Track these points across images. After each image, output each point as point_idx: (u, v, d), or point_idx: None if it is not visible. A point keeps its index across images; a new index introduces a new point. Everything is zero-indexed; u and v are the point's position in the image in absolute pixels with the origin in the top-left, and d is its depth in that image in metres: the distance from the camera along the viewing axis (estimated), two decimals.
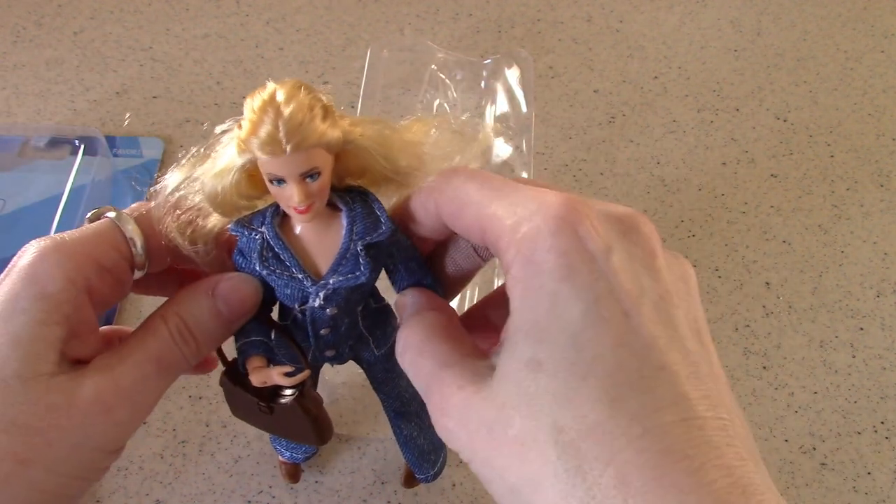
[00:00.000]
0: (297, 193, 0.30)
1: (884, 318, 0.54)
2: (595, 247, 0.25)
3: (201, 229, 0.33)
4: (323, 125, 0.29)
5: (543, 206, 0.26)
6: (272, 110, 0.28)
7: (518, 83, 0.63)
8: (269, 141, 0.28)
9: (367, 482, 0.46)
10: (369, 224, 0.32)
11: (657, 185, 0.62)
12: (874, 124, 0.67)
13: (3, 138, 0.61)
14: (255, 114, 0.28)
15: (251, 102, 0.29)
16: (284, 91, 0.29)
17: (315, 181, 0.30)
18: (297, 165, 0.29)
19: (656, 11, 0.75)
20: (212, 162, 0.31)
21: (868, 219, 0.60)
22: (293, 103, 0.28)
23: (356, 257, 0.32)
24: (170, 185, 0.32)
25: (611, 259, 0.25)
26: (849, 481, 0.47)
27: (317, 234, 0.32)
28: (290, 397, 0.35)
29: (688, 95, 0.68)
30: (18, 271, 0.29)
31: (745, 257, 0.57)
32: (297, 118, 0.28)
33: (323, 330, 0.34)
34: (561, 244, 0.25)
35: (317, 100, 0.29)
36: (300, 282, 0.32)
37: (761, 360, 0.52)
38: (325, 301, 0.32)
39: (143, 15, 0.73)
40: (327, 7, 0.74)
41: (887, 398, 0.51)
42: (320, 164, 0.30)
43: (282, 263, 0.32)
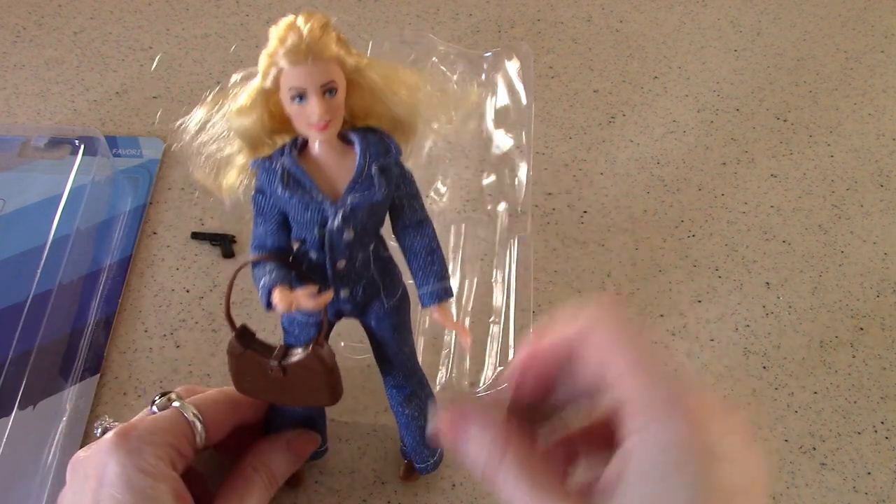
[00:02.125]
0: (317, 106, 0.33)
1: (884, 318, 0.54)
2: (706, 438, 0.27)
3: (224, 177, 0.37)
4: (338, 44, 0.33)
5: (677, 395, 0.28)
6: (295, 27, 0.33)
7: (518, 76, 0.63)
8: (293, 49, 0.32)
9: (367, 482, 0.46)
10: (381, 148, 0.36)
11: (657, 185, 0.62)
12: (874, 124, 0.67)
13: (3, 138, 0.61)
14: (280, 30, 0.33)
15: (275, 27, 0.33)
16: (304, 15, 0.33)
17: (333, 97, 0.34)
18: (318, 75, 0.33)
19: (656, 11, 0.75)
20: (234, 100, 0.35)
21: (868, 219, 0.60)
22: (312, 21, 0.33)
23: (371, 177, 0.35)
24: (194, 122, 0.36)
25: (719, 450, 0.27)
26: (849, 481, 0.47)
27: (333, 160, 0.36)
28: (304, 352, 0.36)
29: (688, 95, 0.68)
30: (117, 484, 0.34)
31: (745, 257, 0.57)
32: (317, 33, 0.33)
33: (340, 261, 0.37)
34: (674, 432, 0.27)
35: (332, 26, 0.34)
36: (319, 203, 0.35)
37: (761, 360, 0.52)
38: (344, 221, 0.35)
39: (143, 15, 0.73)
40: (327, 7, 0.74)
41: (887, 398, 0.51)
42: (337, 78, 0.34)
43: (302, 186, 0.35)
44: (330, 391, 0.37)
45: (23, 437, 0.46)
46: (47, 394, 0.48)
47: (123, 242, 0.56)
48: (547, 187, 0.61)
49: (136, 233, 0.57)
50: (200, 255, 0.56)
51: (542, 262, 0.56)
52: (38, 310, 0.51)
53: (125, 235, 0.57)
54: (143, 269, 0.55)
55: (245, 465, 0.40)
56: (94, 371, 0.50)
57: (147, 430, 0.36)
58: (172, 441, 0.36)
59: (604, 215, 0.59)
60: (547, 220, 0.59)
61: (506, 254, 0.55)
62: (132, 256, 0.56)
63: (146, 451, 0.35)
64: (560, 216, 0.59)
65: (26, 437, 0.46)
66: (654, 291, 0.55)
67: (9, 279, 0.53)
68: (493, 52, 0.64)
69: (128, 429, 0.36)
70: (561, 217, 0.59)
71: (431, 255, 0.38)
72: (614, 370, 0.28)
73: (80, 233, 0.55)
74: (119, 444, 0.35)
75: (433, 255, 0.38)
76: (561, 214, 0.59)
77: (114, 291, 0.54)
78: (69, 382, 0.49)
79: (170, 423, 0.37)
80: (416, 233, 0.38)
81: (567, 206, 0.60)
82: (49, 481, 0.45)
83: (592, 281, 0.55)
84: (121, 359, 0.51)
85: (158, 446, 0.36)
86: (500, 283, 0.54)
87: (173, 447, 0.36)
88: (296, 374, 0.36)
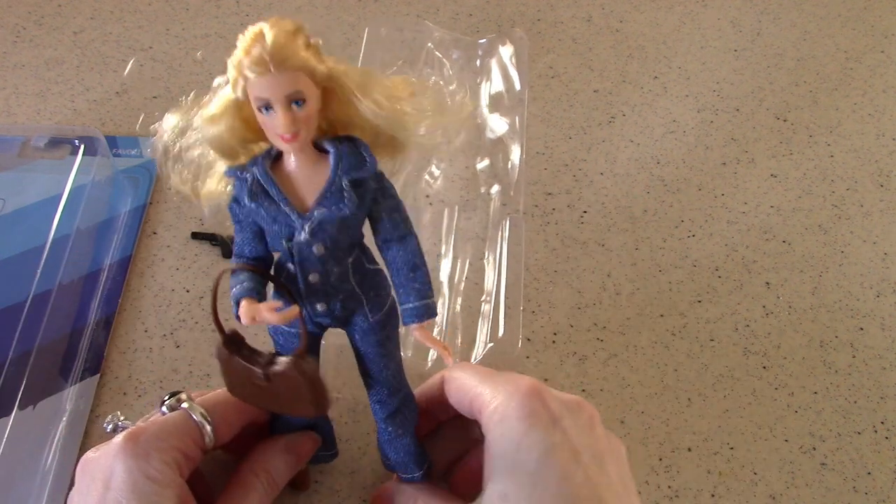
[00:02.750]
0: (283, 117, 0.32)
1: (884, 318, 0.54)
2: (551, 413, 0.35)
3: (203, 185, 0.36)
4: (305, 52, 0.32)
5: (516, 385, 0.36)
6: (260, 37, 0.32)
7: (512, 61, 0.63)
8: (257, 60, 0.31)
9: (367, 482, 0.46)
10: (355, 161, 0.34)
11: (657, 185, 0.62)
12: (874, 124, 0.67)
13: (3, 138, 0.61)
14: (246, 41, 0.32)
15: (242, 35, 0.32)
16: (270, 22, 0.32)
17: (301, 108, 0.32)
18: (282, 86, 0.32)
19: (656, 11, 0.75)
20: (205, 107, 0.34)
21: (868, 219, 0.60)
22: (276, 29, 0.32)
23: (341, 191, 0.34)
24: (166, 127, 0.36)
25: (562, 422, 0.35)
26: (849, 481, 0.47)
27: (305, 172, 0.34)
28: (286, 362, 0.36)
29: (688, 95, 0.68)
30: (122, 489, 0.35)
31: (745, 257, 0.57)
32: (280, 40, 0.31)
33: (312, 275, 0.36)
34: (527, 407, 0.35)
35: (301, 31, 0.32)
36: (287, 215, 0.34)
37: (761, 360, 0.52)
38: (311, 235, 0.34)
39: (143, 15, 0.73)
40: (327, 7, 0.74)
41: (887, 398, 0.51)
42: (304, 89, 0.32)
43: (269, 198, 0.34)
44: (313, 402, 0.37)
45: (23, 437, 0.46)
46: (47, 394, 0.48)
47: (123, 242, 0.56)
48: (547, 187, 0.61)
49: (136, 233, 0.57)
50: (200, 255, 0.56)
51: (542, 262, 0.56)
52: (38, 310, 0.51)
53: (125, 235, 0.57)
54: (143, 269, 0.55)
55: (244, 469, 0.40)
56: (94, 371, 0.50)
57: (155, 434, 0.36)
58: (180, 445, 0.36)
59: (604, 215, 0.59)
60: (547, 220, 0.59)
61: (497, 235, 0.55)
62: (132, 256, 0.56)
63: (154, 456, 0.35)
64: (560, 216, 0.59)
65: (26, 437, 0.46)
66: (654, 291, 0.55)
67: (9, 279, 0.53)
68: (487, 39, 0.64)
69: (136, 433, 0.36)
70: (561, 217, 0.59)
71: (414, 271, 0.37)
72: (478, 398, 0.36)
73: (80, 233, 0.55)
74: (127, 448, 0.35)
75: (416, 272, 0.37)
76: (561, 214, 0.59)
77: (114, 291, 0.54)
78: (69, 382, 0.49)
79: (178, 427, 0.37)
80: (399, 247, 0.37)
81: (567, 206, 0.60)
82: (49, 481, 0.45)
83: (592, 281, 0.56)
84: (121, 359, 0.51)
85: (166, 451, 0.35)
86: (491, 264, 0.54)
87: (181, 452, 0.36)
88: (279, 384, 0.36)
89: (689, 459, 0.48)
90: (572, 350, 0.52)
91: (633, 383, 0.51)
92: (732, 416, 0.49)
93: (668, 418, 0.49)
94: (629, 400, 0.50)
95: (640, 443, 0.48)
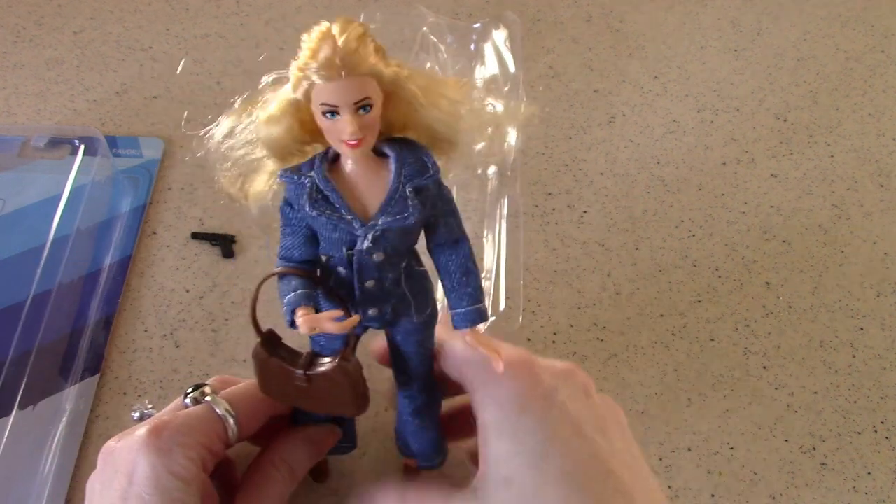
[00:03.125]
0: (350, 123, 0.31)
1: (884, 318, 0.54)
2: (545, 388, 0.34)
3: (251, 185, 0.36)
4: (375, 56, 0.31)
5: (507, 361, 0.34)
6: (329, 38, 0.30)
7: (506, 44, 0.64)
8: (326, 64, 0.30)
9: (366, 483, 0.46)
10: (417, 167, 0.33)
11: (657, 185, 0.62)
12: (874, 124, 0.67)
13: (3, 138, 0.61)
14: (313, 41, 0.31)
15: (308, 36, 0.31)
16: (339, 24, 0.31)
17: (367, 113, 0.31)
18: (352, 92, 0.31)
19: (656, 11, 0.75)
20: (263, 108, 0.33)
21: (868, 219, 0.60)
22: (348, 32, 0.30)
23: (405, 199, 0.33)
24: (221, 131, 0.35)
25: (558, 395, 0.34)
26: (849, 481, 0.47)
27: (365, 178, 0.33)
28: (330, 363, 0.35)
29: (688, 95, 0.68)
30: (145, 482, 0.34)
31: (745, 257, 0.57)
32: (353, 45, 0.30)
33: (368, 282, 0.35)
34: (518, 386, 0.34)
35: (367, 34, 0.31)
36: (349, 223, 0.33)
37: (761, 360, 0.52)
38: (374, 243, 0.33)
39: (143, 15, 0.73)
40: (327, 7, 0.74)
41: (887, 398, 0.51)
42: (372, 94, 0.31)
43: (331, 205, 0.33)
44: (355, 403, 0.36)
45: (23, 437, 0.46)
46: (47, 394, 0.48)
47: (123, 242, 0.56)
48: (547, 187, 0.61)
49: (136, 233, 0.57)
50: (200, 255, 0.56)
51: (542, 262, 0.56)
52: (38, 310, 0.51)
53: (125, 235, 0.57)
54: (143, 269, 0.55)
55: (264, 460, 0.40)
56: (94, 371, 0.50)
57: (179, 429, 0.36)
58: (204, 441, 0.36)
59: (604, 215, 0.59)
60: (547, 220, 0.59)
61: (496, 213, 0.56)
62: (132, 256, 0.56)
63: (177, 451, 0.35)
64: (560, 216, 0.59)
65: (26, 437, 0.46)
66: (654, 291, 0.55)
67: (9, 279, 0.53)
68: (481, 23, 0.64)
69: (160, 427, 0.36)
70: (561, 217, 0.59)
71: (466, 275, 0.36)
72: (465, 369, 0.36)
73: (80, 233, 0.55)
74: (151, 443, 0.35)
75: (468, 276, 0.36)
76: (561, 214, 0.59)
77: (114, 291, 0.54)
78: (69, 382, 0.49)
79: (202, 422, 0.37)
80: (452, 251, 0.36)
81: (567, 206, 0.60)
82: (49, 481, 0.45)
83: (592, 281, 0.56)
84: (121, 359, 0.51)
85: (190, 447, 0.35)
86: (491, 241, 0.55)
87: (205, 447, 0.36)
88: (320, 385, 0.36)
89: (689, 459, 0.48)
90: (572, 350, 0.52)
91: (633, 383, 0.51)
92: (732, 416, 0.49)
93: (668, 418, 0.49)
94: (629, 400, 0.50)
95: (640, 443, 0.48)
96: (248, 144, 0.35)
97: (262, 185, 0.36)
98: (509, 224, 0.55)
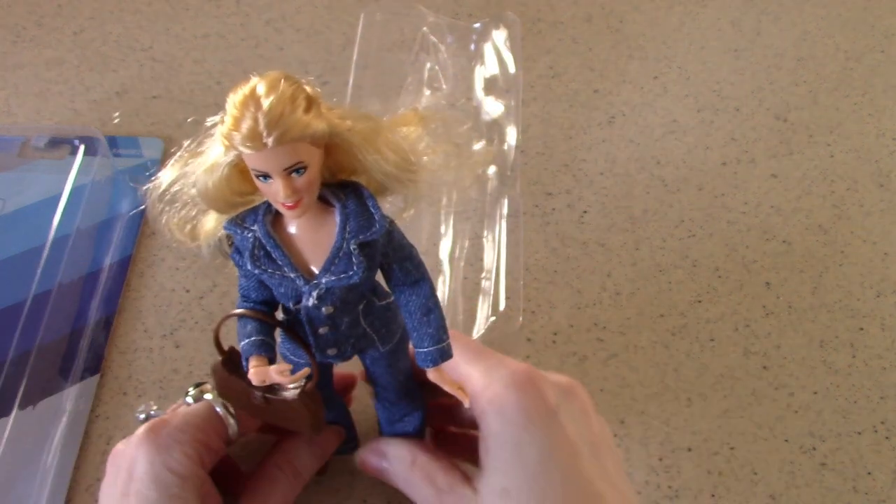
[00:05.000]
0: (282, 189, 0.29)
1: (884, 318, 0.54)
2: (548, 405, 0.35)
3: (201, 227, 0.35)
4: (306, 117, 0.29)
5: (512, 372, 0.36)
6: (252, 103, 0.28)
7: (506, 44, 0.64)
8: (249, 135, 0.28)
9: (367, 482, 0.46)
10: (363, 222, 0.31)
11: (657, 185, 0.62)
12: (874, 124, 0.67)
13: (3, 138, 0.61)
14: (236, 108, 0.28)
15: (233, 97, 0.28)
16: (265, 84, 0.28)
17: (301, 175, 0.29)
18: (281, 160, 0.29)
19: (656, 11, 0.75)
20: (202, 157, 0.31)
21: (868, 219, 0.60)
22: (273, 95, 0.28)
23: (349, 256, 0.31)
24: (164, 181, 0.33)
25: (560, 415, 0.35)
26: (849, 481, 0.47)
27: (309, 232, 0.32)
28: (292, 391, 0.35)
29: (688, 95, 0.68)
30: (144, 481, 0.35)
31: (745, 257, 0.57)
32: (277, 111, 0.28)
33: (321, 329, 0.34)
34: (523, 402, 0.35)
35: (300, 91, 0.29)
36: (292, 281, 0.32)
37: (761, 360, 0.52)
38: (319, 300, 0.32)
39: (143, 15, 0.73)
40: (327, 7, 0.74)
41: (887, 398, 0.51)
42: (305, 157, 0.29)
43: (273, 262, 0.32)
44: (310, 426, 0.36)
45: (23, 437, 0.46)
46: (47, 394, 0.48)
47: (123, 242, 0.56)
48: (547, 187, 0.61)
49: (136, 233, 0.57)
50: (200, 255, 0.56)
51: (542, 262, 0.56)
52: (38, 310, 0.51)
53: (125, 235, 0.57)
54: (143, 269, 0.55)
55: (269, 463, 0.40)
56: (94, 371, 0.50)
57: (177, 426, 0.36)
58: (202, 438, 0.37)
59: (604, 215, 0.59)
60: (547, 220, 0.59)
61: (496, 213, 0.56)
62: (132, 256, 0.56)
63: (175, 448, 0.35)
64: (560, 216, 0.59)
65: (26, 437, 0.46)
66: (654, 291, 0.55)
67: (9, 279, 0.53)
68: (481, 24, 0.64)
69: (159, 424, 0.36)
70: (561, 217, 0.59)
71: (427, 315, 0.34)
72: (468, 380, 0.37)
73: (80, 233, 0.55)
74: (149, 439, 0.36)
75: (429, 316, 0.34)
76: (561, 214, 0.59)
77: (114, 291, 0.54)
78: (69, 382, 0.49)
79: (201, 419, 0.37)
80: (412, 292, 0.34)
81: (567, 206, 0.60)
82: (49, 481, 0.45)
83: (592, 281, 0.56)
84: (121, 359, 0.51)
85: (188, 444, 0.36)
86: (490, 241, 0.55)
87: (203, 444, 0.37)
88: (278, 407, 0.36)
89: (689, 459, 0.48)
90: (572, 350, 0.52)
91: (633, 383, 0.51)
92: (732, 416, 0.49)
93: (668, 418, 0.49)
94: (629, 400, 0.50)
95: (640, 443, 0.48)
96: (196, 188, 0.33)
97: (213, 224, 0.34)
98: (509, 224, 0.55)
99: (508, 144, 0.59)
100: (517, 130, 0.60)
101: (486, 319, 0.51)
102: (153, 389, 0.49)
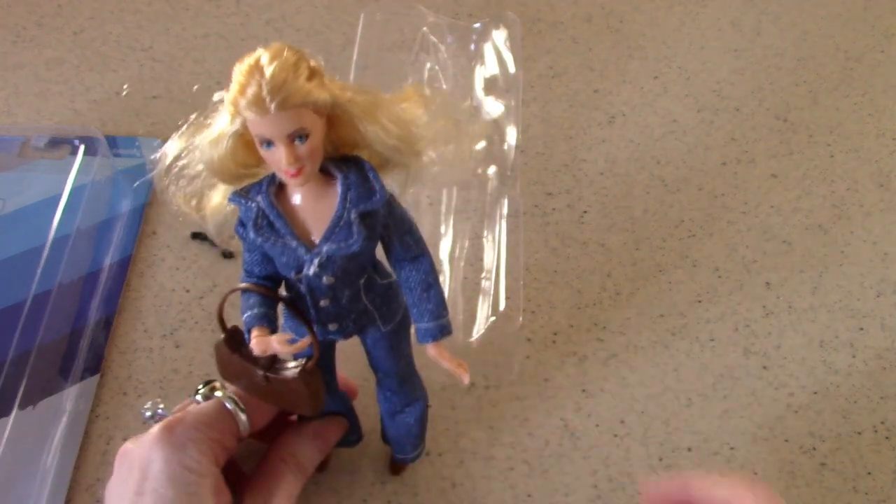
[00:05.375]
0: (285, 156, 0.31)
1: (884, 318, 0.54)
2: None
3: (207, 200, 0.35)
4: (308, 84, 0.30)
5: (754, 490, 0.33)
6: (257, 71, 0.29)
7: (506, 44, 0.64)
8: (254, 101, 0.29)
9: (367, 482, 0.46)
10: (364, 192, 0.32)
11: (657, 185, 0.62)
12: (874, 124, 0.67)
13: (3, 138, 0.61)
14: (242, 76, 0.30)
15: (239, 66, 0.30)
16: (270, 53, 0.30)
17: (304, 143, 0.31)
18: (284, 125, 0.30)
19: (656, 11, 0.75)
20: (208, 129, 0.32)
21: (868, 219, 0.60)
22: (276, 63, 0.29)
23: (350, 225, 0.32)
24: (170, 153, 0.34)
25: None
26: (849, 481, 0.47)
27: (311, 202, 0.33)
28: (293, 370, 0.35)
29: (688, 95, 0.68)
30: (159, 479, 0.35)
31: (745, 257, 0.57)
32: (281, 77, 0.29)
33: (322, 301, 0.35)
34: None
35: (303, 60, 0.30)
36: (294, 249, 0.33)
37: (761, 360, 0.52)
38: (320, 269, 0.33)
39: (143, 15, 0.73)
40: (327, 7, 0.74)
41: (887, 398, 0.51)
42: (307, 124, 0.30)
43: (276, 231, 0.33)
44: (311, 407, 0.37)
45: (23, 437, 0.46)
46: (47, 394, 0.48)
47: (123, 242, 0.56)
48: (547, 187, 0.61)
49: (136, 233, 0.57)
50: (200, 255, 0.56)
51: (542, 262, 0.56)
52: (38, 310, 0.51)
53: (125, 235, 0.57)
54: (143, 269, 0.55)
55: (273, 456, 0.40)
56: (94, 371, 0.50)
57: (192, 425, 0.36)
58: (216, 435, 0.37)
59: (604, 215, 0.59)
60: (547, 220, 0.59)
61: (496, 213, 0.56)
62: (132, 256, 0.56)
63: (190, 446, 0.36)
64: (560, 216, 0.59)
65: (26, 437, 0.46)
66: (654, 291, 0.55)
67: (9, 279, 0.53)
68: (481, 24, 0.65)
69: (173, 423, 0.36)
70: (561, 217, 0.59)
71: (427, 290, 0.35)
72: None
73: (80, 233, 0.55)
74: (164, 438, 0.36)
75: (429, 291, 0.35)
76: (561, 214, 0.59)
77: (114, 291, 0.54)
78: (69, 382, 0.49)
79: (214, 417, 0.37)
80: (412, 268, 0.35)
81: (567, 206, 0.60)
82: (49, 481, 0.45)
83: (592, 281, 0.56)
84: (121, 359, 0.51)
85: (203, 442, 0.36)
86: (490, 241, 0.55)
87: (217, 441, 0.37)
88: (279, 386, 0.36)
89: (689, 459, 0.48)
90: (572, 350, 0.52)
91: (633, 383, 0.51)
92: (732, 416, 0.49)
93: (668, 418, 0.49)
94: (629, 400, 0.50)
95: (640, 443, 0.48)
96: (203, 164, 0.34)
97: (220, 199, 0.35)
98: (509, 224, 0.55)
99: (508, 144, 0.59)
100: (517, 130, 0.60)
101: (487, 319, 0.51)
102: (153, 389, 0.49)
